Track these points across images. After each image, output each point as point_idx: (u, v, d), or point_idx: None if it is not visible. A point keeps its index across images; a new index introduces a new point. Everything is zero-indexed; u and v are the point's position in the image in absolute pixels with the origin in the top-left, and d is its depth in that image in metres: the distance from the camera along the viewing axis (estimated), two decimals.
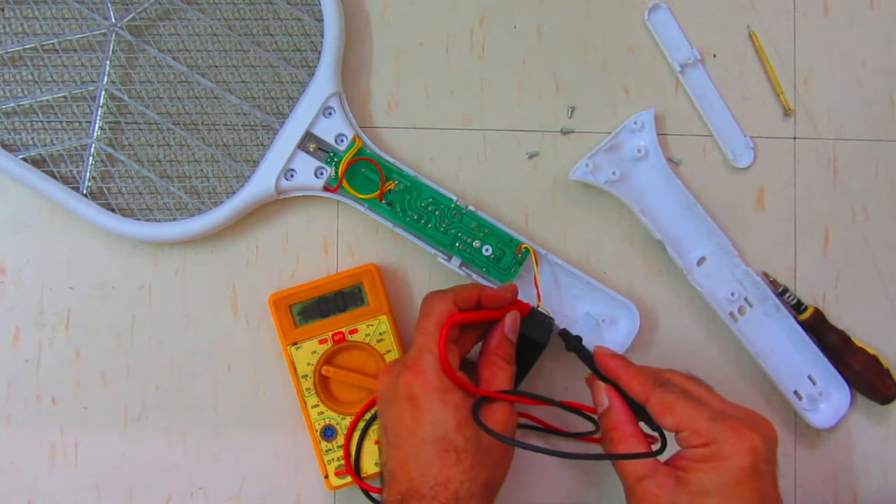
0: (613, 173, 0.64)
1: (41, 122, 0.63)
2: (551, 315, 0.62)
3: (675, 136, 0.67)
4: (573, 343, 0.60)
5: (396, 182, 0.63)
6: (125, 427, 0.65)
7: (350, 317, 0.63)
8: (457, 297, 0.57)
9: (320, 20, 0.63)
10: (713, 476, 0.52)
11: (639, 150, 0.65)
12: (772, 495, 0.53)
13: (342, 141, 0.63)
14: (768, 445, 0.53)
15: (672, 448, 0.55)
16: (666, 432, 0.55)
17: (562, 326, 0.62)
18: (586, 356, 0.59)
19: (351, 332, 0.63)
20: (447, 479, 0.53)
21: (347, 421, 0.63)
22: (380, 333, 0.63)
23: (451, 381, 0.55)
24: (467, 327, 0.59)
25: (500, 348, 0.58)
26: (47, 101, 0.63)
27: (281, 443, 0.65)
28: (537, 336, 0.60)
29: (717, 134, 0.67)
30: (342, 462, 0.63)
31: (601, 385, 0.57)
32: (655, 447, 0.54)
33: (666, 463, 0.54)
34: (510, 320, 0.59)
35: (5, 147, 0.63)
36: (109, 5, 0.63)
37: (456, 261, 0.64)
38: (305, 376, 0.63)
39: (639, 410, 0.56)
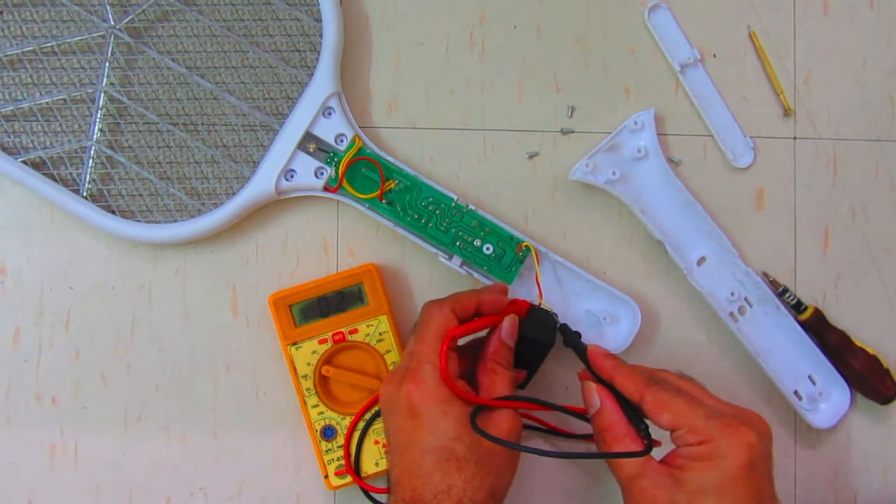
0: (613, 173, 0.64)
1: (41, 124, 0.63)
2: (554, 311, 0.62)
3: (675, 136, 0.67)
4: (571, 339, 0.60)
5: (397, 182, 0.63)
6: (125, 427, 0.65)
7: (350, 317, 0.63)
8: (455, 305, 0.57)
9: (319, 20, 0.63)
10: (711, 474, 0.52)
11: (639, 150, 0.64)
12: (768, 492, 0.53)
13: (342, 141, 0.63)
14: (764, 442, 0.53)
15: (667, 447, 0.55)
16: (661, 431, 0.55)
17: (561, 322, 0.62)
18: (583, 352, 0.59)
19: (351, 332, 0.63)
20: (449, 487, 0.53)
21: (347, 421, 0.63)
22: (380, 333, 0.63)
23: (450, 391, 0.55)
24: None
25: (498, 354, 0.58)
26: (47, 103, 0.63)
27: (281, 443, 0.66)
28: (541, 337, 0.60)
29: (717, 134, 0.66)
30: (342, 462, 0.63)
31: (591, 385, 0.57)
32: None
33: (661, 461, 0.54)
34: (507, 326, 0.59)
35: (5, 150, 0.63)
36: (108, 7, 0.63)
37: (457, 260, 0.64)
38: (305, 376, 0.63)
39: (633, 410, 0.56)
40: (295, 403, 0.64)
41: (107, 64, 0.63)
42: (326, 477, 0.63)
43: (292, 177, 0.63)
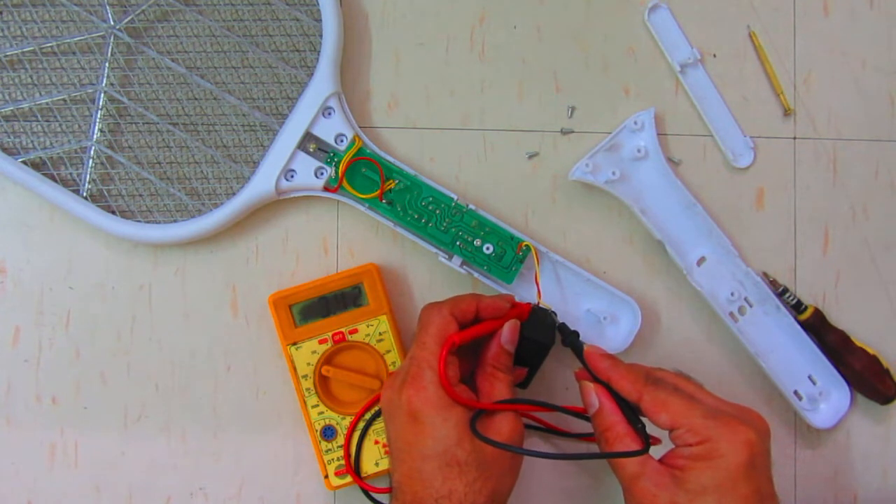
0: (613, 173, 0.64)
1: (41, 124, 0.63)
2: (553, 311, 0.62)
3: (675, 136, 0.67)
4: (569, 338, 0.60)
5: (397, 181, 0.63)
6: (125, 427, 0.65)
7: (350, 317, 0.63)
8: (454, 309, 0.57)
9: (319, 20, 0.63)
10: (711, 474, 0.52)
11: (639, 150, 0.64)
12: (768, 490, 0.53)
13: (342, 141, 0.63)
14: (763, 440, 0.53)
15: (666, 445, 0.55)
16: (659, 430, 0.55)
17: (560, 321, 0.62)
18: (580, 352, 0.59)
19: (351, 332, 0.63)
20: (450, 491, 0.53)
21: (347, 421, 0.63)
22: (380, 333, 0.63)
23: (451, 397, 0.55)
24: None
25: (497, 360, 0.58)
26: (46, 104, 0.63)
27: (281, 443, 0.66)
28: (541, 338, 0.60)
29: (717, 134, 0.66)
30: (342, 462, 0.63)
31: (589, 386, 0.57)
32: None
33: (661, 461, 0.54)
34: (508, 331, 0.59)
35: (5, 150, 0.63)
36: (108, 8, 0.63)
37: (457, 259, 0.63)
38: (305, 376, 0.63)
39: (630, 409, 0.56)
40: (295, 403, 0.64)
41: (107, 64, 0.63)
42: (326, 477, 0.63)
43: (292, 177, 0.63)
